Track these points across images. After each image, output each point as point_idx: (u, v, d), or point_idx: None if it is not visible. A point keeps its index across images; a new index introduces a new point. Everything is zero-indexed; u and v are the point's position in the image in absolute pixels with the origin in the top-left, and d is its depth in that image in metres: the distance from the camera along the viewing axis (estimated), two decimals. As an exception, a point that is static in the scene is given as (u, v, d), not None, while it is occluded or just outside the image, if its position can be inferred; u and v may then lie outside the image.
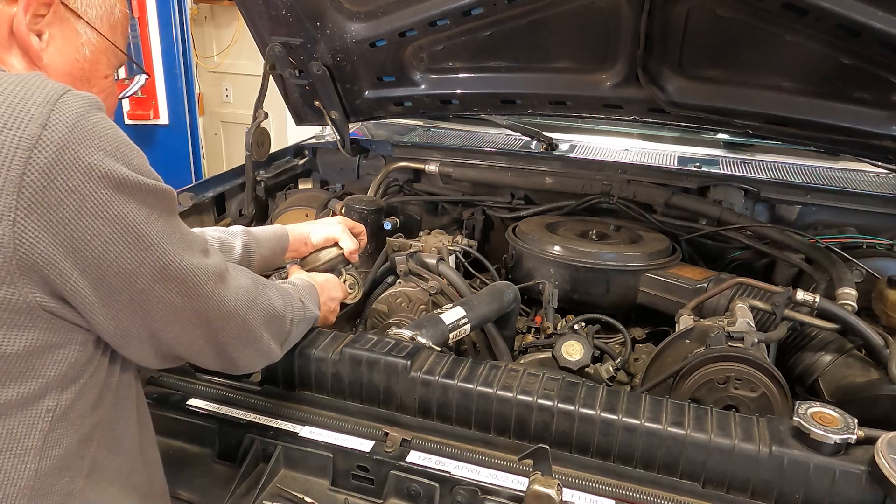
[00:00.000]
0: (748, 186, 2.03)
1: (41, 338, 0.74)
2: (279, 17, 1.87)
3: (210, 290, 0.87)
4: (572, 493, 1.02)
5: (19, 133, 0.67)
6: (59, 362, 0.77)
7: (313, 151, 2.55)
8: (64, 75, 0.91)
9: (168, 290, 0.82)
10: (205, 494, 1.14)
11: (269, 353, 1.04)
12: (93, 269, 0.74)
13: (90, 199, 0.71)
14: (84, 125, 0.71)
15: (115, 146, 0.74)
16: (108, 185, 0.72)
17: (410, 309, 1.61)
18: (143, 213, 0.77)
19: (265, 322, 1.00)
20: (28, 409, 0.75)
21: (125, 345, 0.84)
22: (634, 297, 1.72)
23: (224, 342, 0.93)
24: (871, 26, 1.43)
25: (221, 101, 5.38)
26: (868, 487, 0.95)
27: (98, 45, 0.94)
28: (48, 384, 0.76)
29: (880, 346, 1.34)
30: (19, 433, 0.75)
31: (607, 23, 1.73)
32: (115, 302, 0.78)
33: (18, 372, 0.74)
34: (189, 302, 0.85)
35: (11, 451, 0.75)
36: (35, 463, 0.76)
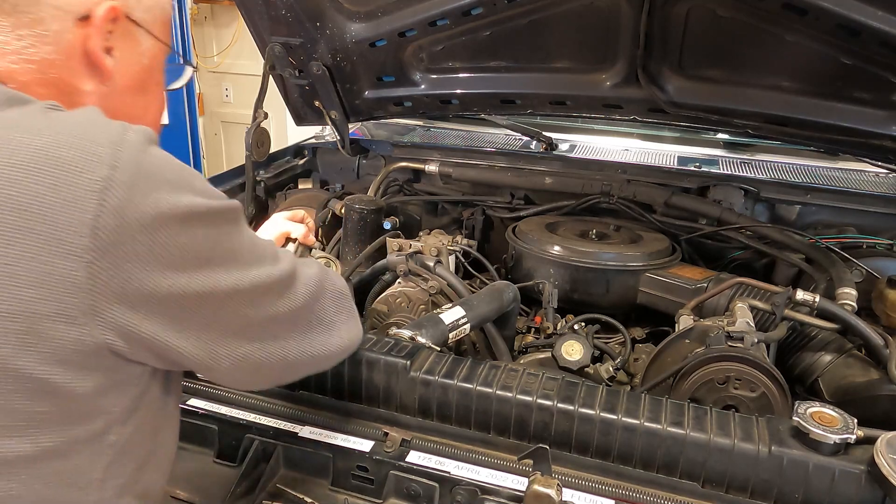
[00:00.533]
0: (748, 186, 2.03)
1: (106, 377, 0.74)
2: (279, 17, 1.87)
3: (285, 296, 0.86)
4: (572, 493, 1.02)
5: (91, 176, 0.67)
6: (122, 398, 0.77)
7: (313, 151, 2.55)
8: (126, 91, 0.89)
9: (248, 306, 0.81)
10: (205, 494, 1.14)
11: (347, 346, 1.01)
12: (169, 302, 0.73)
13: (160, 233, 0.71)
14: (148, 162, 0.71)
15: (177, 177, 0.74)
16: (176, 218, 0.72)
17: (410, 309, 1.61)
18: (212, 237, 0.76)
19: (337, 307, 0.97)
20: (94, 445, 0.76)
21: (218, 369, 0.83)
22: (634, 297, 1.72)
23: (305, 344, 0.91)
24: (871, 26, 1.43)
25: (221, 101, 5.38)
26: (867, 487, 0.95)
27: (153, 51, 0.92)
28: (112, 419, 0.77)
29: (880, 346, 1.34)
30: (85, 467, 0.76)
31: (607, 23, 1.73)
32: (198, 329, 0.77)
33: (87, 411, 0.74)
34: (271, 312, 0.84)
35: (77, 485, 0.75)
36: (97, 493, 0.77)
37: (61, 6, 0.79)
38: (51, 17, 0.79)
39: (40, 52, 0.80)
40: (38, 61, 0.80)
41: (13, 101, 0.73)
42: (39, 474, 0.72)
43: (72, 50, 0.82)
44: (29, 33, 0.78)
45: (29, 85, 0.79)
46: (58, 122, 0.71)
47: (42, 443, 0.71)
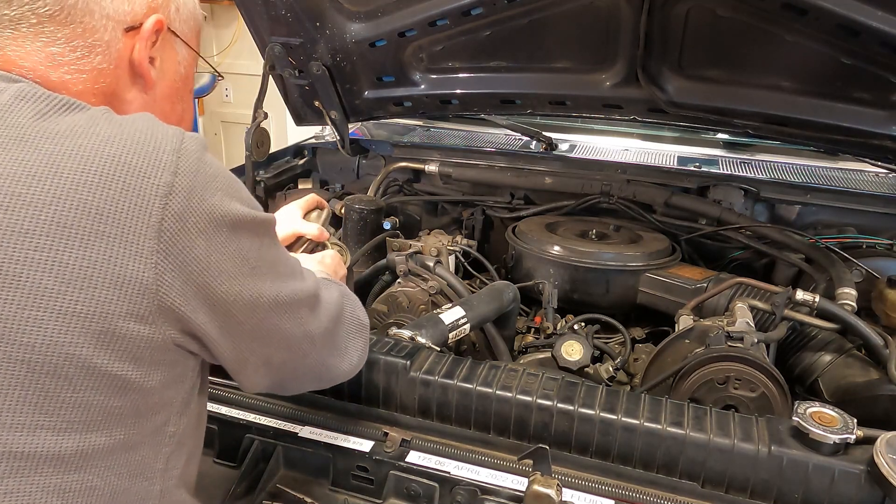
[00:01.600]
0: (748, 186, 2.03)
1: (170, 371, 0.78)
2: (279, 17, 1.87)
3: (313, 313, 0.91)
4: (572, 493, 1.02)
5: (156, 181, 0.71)
6: (181, 390, 0.81)
7: (313, 151, 2.55)
8: (165, 98, 0.94)
9: (281, 317, 0.85)
10: (205, 494, 1.13)
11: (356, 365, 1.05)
12: (220, 304, 0.77)
13: (214, 238, 0.75)
14: (205, 169, 0.76)
15: (228, 185, 0.79)
16: (228, 224, 0.77)
17: (410, 309, 1.61)
18: (256, 246, 0.81)
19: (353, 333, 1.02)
20: (157, 436, 0.79)
21: (241, 372, 0.87)
22: (634, 297, 1.72)
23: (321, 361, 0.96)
24: (871, 26, 1.43)
25: (221, 101, 5.38)
26: (867, 487, 0.95)
27: (188, 60, 0.97)
28: (172, 411, 0.80)
29: (880, 345, 1.34)
30: (150, 459, 0.79)
31: (607, 23, 1.73)
32: (238, 333, 0.81)
33: (154, 404, 0.77)
34: (297, 326, 0.88)
35: (144, 476, 0.79)
36: (160, 484, 0.81)
37: (112, 17, 0.83)
38: (102, 28, 0.83)
39: (92, 62, 0.83)
40: (89, 70, 0.83)
41: (71, 107, 0.75)
42: (113, 466, 0.75)
43: (120, 59, 0.86)
44: (82, 44, 0.82)
45: (82, 94, 0.83)
46: (125, 129, 0.74)
47: (116, 435, 0.74)
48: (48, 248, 0.67)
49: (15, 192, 0.68)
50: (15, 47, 0.79)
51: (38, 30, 0.79)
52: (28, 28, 0.79)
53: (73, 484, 0.72)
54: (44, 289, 0.67)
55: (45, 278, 0.67)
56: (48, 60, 0.81)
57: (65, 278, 0.68)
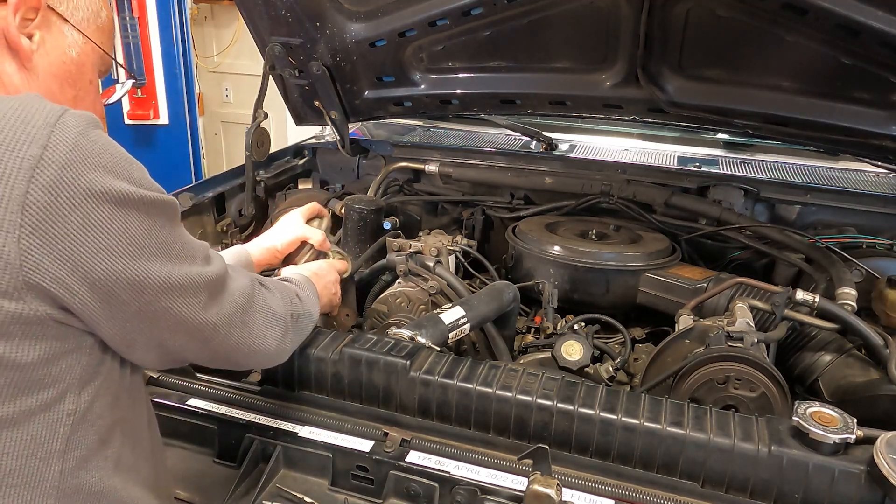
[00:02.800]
0: (748, 186, 2.04)
1: (54, 346, 0.76)
2: (279, 17, 1.87)
3: (214, 300, 0.89)
4: (572, 493, 1.02)
5: (21, 154, 0.69)
6: (73, 366, 0.79)
7: (313, 151, 2.55)
8: (51, 77, 0.92)
9: (173, 300, 0.83)
10: (205, 494, 1.14)
11: (274, 354, 1.05)
12: (101, 283, 0.75)
13: (93, 214, 0.73)
14: (84, 144, 0.73)
15: (114, 162, 0.76)
16: (110, 201, 0.74)
17: (410, 309, 1.61)
18: (146, 226, 0.78)
19: (267, 323, 1.01)
20: (49, 414, 0.77)
21: (130, 352, 0.86)
22: (634, 297, 1.72)
23: (230, 348, 0.95)
24: (871, 26, 1.43)
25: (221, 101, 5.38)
26: (867, 487, 0.95)
27: (84, 48, 0.96)
28: (66, 388, 0.78)
29: (880, 345, 1.34)
30: (43, 438, 0.77)
31: (607, 23, 1.73)
32: (123, 314, 0.79)
33: (36, 379, 0.76)
34: (194, 311, 0.86)
35: (36, 456, 0.77)
36: (59, 465, 0.79)
37: None
38: None
39: None
40: None
41: None
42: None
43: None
44: None
45: None
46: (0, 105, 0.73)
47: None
48: None
49: None
50: None
51: None
52: None
53: None
54: None
55: None
56: None
57: None
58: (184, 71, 4.27)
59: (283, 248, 1.44)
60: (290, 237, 1.45)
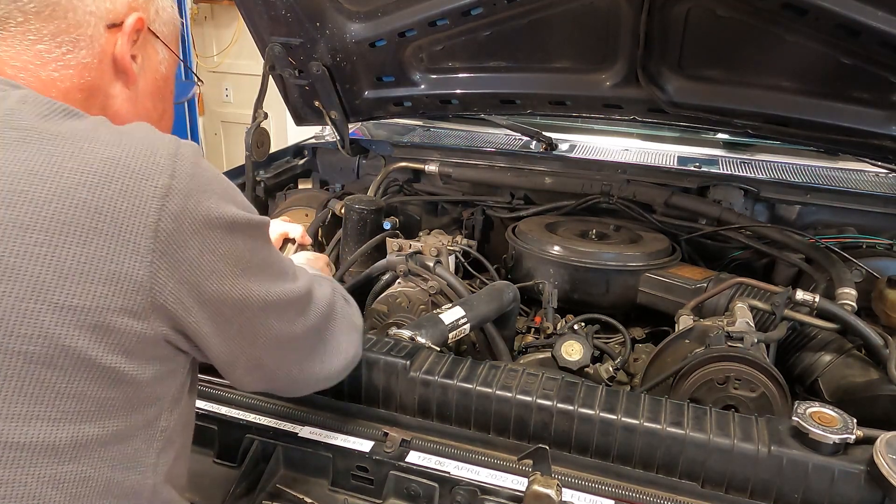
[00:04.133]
0: (748, 186, 2.03)
1: (162, 366, 0.81)
2: (279, 17, 1.87)
3: (306, 315, 0.93)
4: (572, 493, 1.02)
5: (154, 183, 0.74)
6: (171, 386, 0.84)
7: (313, 151, 2.55)
8: (147, 96, 0.98)
9: (272, 316, 0.87)
10: (205, 494, 1.14)
11: (354, 359, 1.09)
12: (210, 302, 0.80)
13: (209, 239, 0.78)
14: (200, 173, 0.79)
15: (224, 189, 0.82)
16: (222, 226, 0.79)
17: (410, 309, 1.61)
18: (249, 247, 0.83)
19: (347, 329, 1.05)
20: (149, 430, 0.82)
21: (232, 371, 0.90)
22: (634, 297, 1.72)
23: (321, 359, 0.99)
24: (871, 26, 1.43)
25: (221, 101, 5.38)
26: (867, 487, 0.95)
27: (169, 62, 1.02)
28: (163, 406, 0.83)
29: (880, 345, 1.34)
30: (142, 452, 0.81)
31: (607, 23, 1.73)
32: (228, 332, 0.83)
33: (146, 397, 0.80)
34: (288, 326, 0.90)
35: (137, 469, 0.81)
36: (152, 479, 0.83)
37: (94, 13, 0.88)
38: (85, 23, 0.87)
39: (77, 56, 0.87)
40: (74, 66, 0.87)
41: (72, 114, 0.79)
42: (107, 457, 0.77)
43: (103, 54, 0.90)
44: (67, 39, 0.86)
45: (69, 91, 0.87)
46: (123, 135, 0.78)
47: (109, 427, 0.76)
48: (47, 244, 0.70)
49: (17, 189, 0.70)
50: (6, 48, 0.83)
51: (24, 28, 0.83)
52: (16, 27, 0.83)
53: (68, 474, 0.73)
54: (41, 282, 0.69)
55: (42, 272, 0.69)
56: (36, 58, 0.84)
57: (62, 272, 0.70)
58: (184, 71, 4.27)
59: None
60: (272, 237, 1.46)
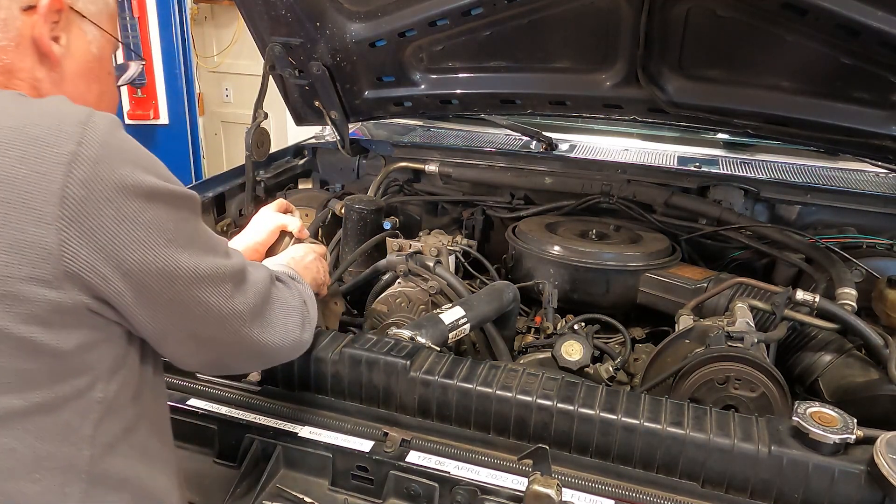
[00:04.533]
0: (748, 186, 2.04)
1: (89, 335, 0.80)
2: (279, 17, 1.87)
3: (239, 290, 0.91)
4: (572, 493, 1.02)
5: (59, 150, 0.73)
6: (105, 355, 0.83)
7: (313, 151, 2.55)
8: (77, 77, 0.94)
9: (202, 290, 0.86)
10: (205, 494, 1.14)
11: (297, 343, 1.06)
12: (134, 273, 0.78)
13: (125, 207, 0.76)
14: (113, 142, 0.77)
15: (141, 158, 0.80)
16: (140, 195, 0.78)
17: (410, 309, 1.61)
18: (174, 219, 0.82)
19: (286, 314, 1.03)
20: (81, 401, 0.81)
21: (164, 344, 0.89)
22: (634, 297, 1.72)
23: (257, 339, 0.96)
24: (870, 26, 1.43)
25: (221, 101, 5.38)
26: (867, 487, 0.95)
27: (101, 41, 0.97)
28: (97, 376, 0.82)
29: (880, 345, 1.34)
30: (75, 424, 0.80)
31: (607, 23, 1.73)
32: (155, 303, 0.82)
33: (73, 367, 0.79)
34: (221, 301, 0.88)
35: (69, 441, 0.80)
36: (89, 450, 0.82)
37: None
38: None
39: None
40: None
41: None
42: (32, 429, 0.77)
43: (20, 38, 0.87)
44: None
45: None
46: (29, 106, 0.78)
47: (32, 398, 0.76)
48: None
49: None
50: None
51: None
52: None
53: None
54: None
55: None
56: None
57: None
58: (184, 71, 4.27)
59: (264, 241, 1.45)
60: (268, 229, 1.45)
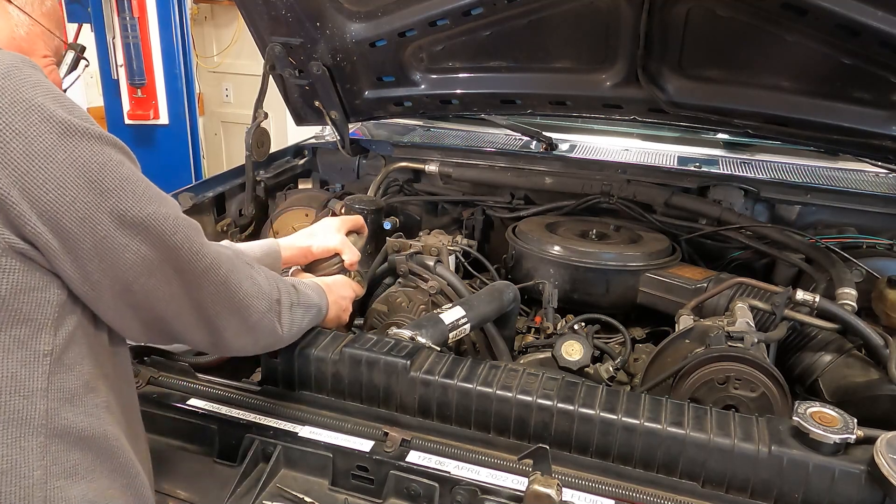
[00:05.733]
0: (748, 186, 2.04)
1: (20, 280, 0.77)
2: (279, 17, 1.87)
3: (180, 240, 0.87)
4: (572, 493, 1.02)
5: None
6: (44, 305, 0.80)
7: (313, 151, 2.55)
8: (3, 47, 0.96)
9: (132, 237, 0.82)
10: (205, 494, 1.14)
11: (257, 329, 1.03)
12: (50, 213, 0.75)
13: (36, 141, 0.73)
14: (18, 74, 0.75)
15: (53, 93, 0.77)
16: (53, 128, 0.75)
17: (410, 309, 1.61)
18: (95, 158, 0.78)
19: (251, 293, 0.99)
20: (25, 352, 0.79)
21: (98, 299, 0.84)
22: (634, 297, 1.72)
23: (202, 300, 0.92)
24: (870, 26, 1.43)
25: (221, 101, 5.39)
26: (867, 487, 0.95)
27: (31, 29, 1.01)
28: (39, 327, 0.79)
29: (880, 345, 1.34)
30: (23, 376, 0.79)
31: (607, 23, 1.73)
32: (79, 250, 0.79)
33: (8, 315, 0.77)
34: (155, 251, 0.84)
35: (20, 393, 0.78)
36: (44, 403, 0.80)
37: None
38: None
39: None
40: None
41: None
42: None
43: None
44: None
45: None
46: None
47: None
48: None
49: None
50: None
51: None
52: None
53: None
54: None
55: None
56: None
57: None
58: (184, 71, 4.26)
59: (317, 253, 1.41)
60: (327, 246, 1.41)
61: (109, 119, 4.25)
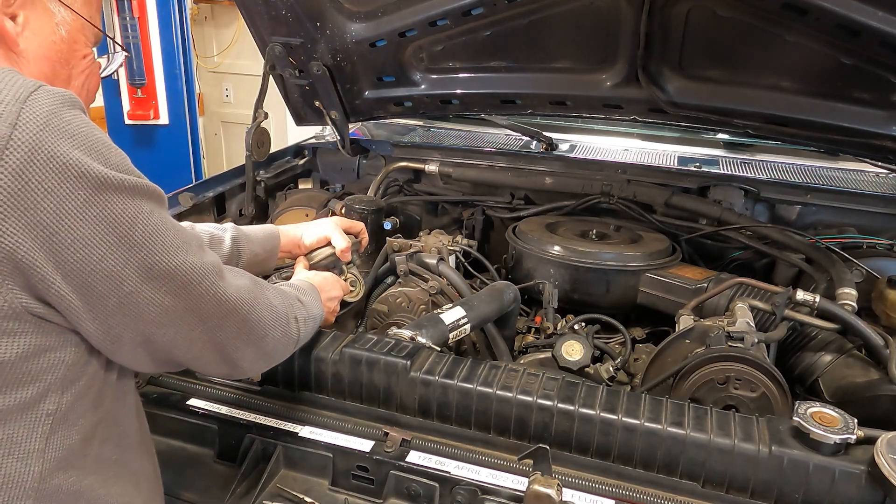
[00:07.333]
0: (748, 186, 2.04)
1: (33, 342, 0.73)
2: (279, 17, 1.87)
3: (205, 288, 0.84)
4: (572, 493, 1.02)
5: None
6: (56, 366, 0.77)
7: (313, 151, 2.55)
8: (42, 59, 0.87)
9: (157, 290, 0.79)
10: (205, 494, 1.14)
11: (273, 355, 1.02)
12: (76, 273, 0.72)
13: (68, 200, 0.69)
14: (56, 123, 0.69)
15: (90, 143, 0.72)
16: (86, 185, 0.70)
17: (410, 309, 1.61)
18: (127, 213, 0.74)
19: (269, 322, 0.97)
20: (28, 414, 0.75)
21: (116, 350, 0.82)
22: (634, 297, 1.72)
23: (223, 340, 0.90)
24: (871, 26, 1.43)
25: (221, 101, 5.38)
26: (867, 487, 0.95)
27: (74, 24, 0.90)
28: (47, 388, 0.76)
29: (880, 346, 1.34)
30: (21, 437, 0.75)
31: (607, 23, 1.73)
32: (103, 307, 0.76)
33: (15, 378, 0.73)
34: (181, 301, 0.82)
35: (14, 455, 0.75)
36: (39, 465, 0.76)
37: None
38: None
39: None
40: None
41: None
42: None
43: None
44: None
45: None
46: None
47: None
48: None
49: None
50: None
51: None
52: None
53: None
54: None
55: None
56: None
57: None
58: (184, 71, 4.27)
59: (309, 242, 1.42)
60: (317, 234, 1.42)
61: (109, 119, 4.26)
